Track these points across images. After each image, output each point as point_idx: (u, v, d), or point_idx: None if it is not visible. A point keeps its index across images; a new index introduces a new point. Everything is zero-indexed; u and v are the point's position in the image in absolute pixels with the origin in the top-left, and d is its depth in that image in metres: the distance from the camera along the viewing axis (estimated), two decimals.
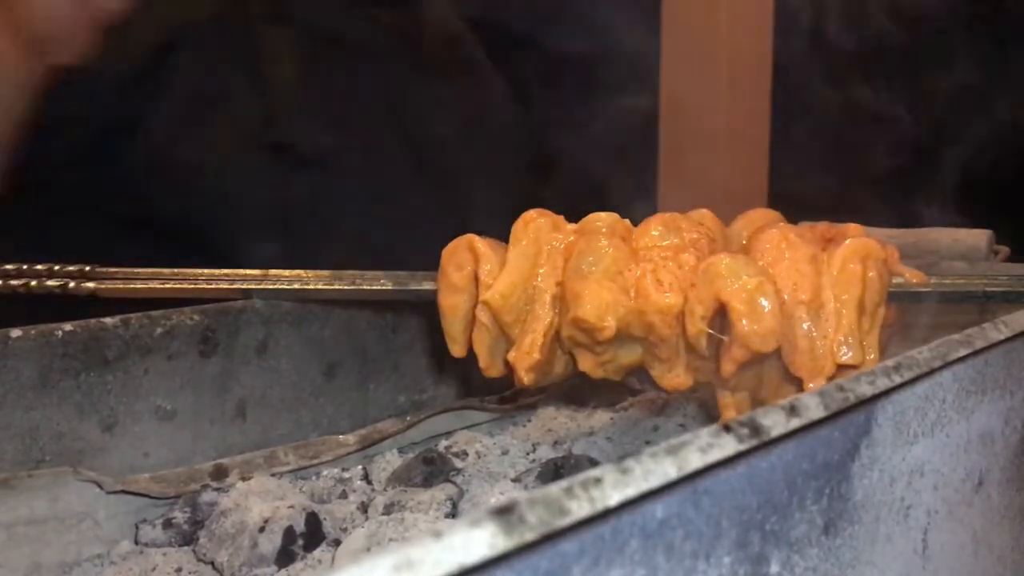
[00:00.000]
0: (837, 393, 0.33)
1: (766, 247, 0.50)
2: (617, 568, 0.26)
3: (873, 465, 0.36)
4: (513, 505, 0.22)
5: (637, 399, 0.70)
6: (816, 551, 0.33)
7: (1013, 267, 0.70)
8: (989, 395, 0.44)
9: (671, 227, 0.51)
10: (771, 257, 0.49)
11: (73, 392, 0.54)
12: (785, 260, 0.49)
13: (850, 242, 0.49)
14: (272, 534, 0.49)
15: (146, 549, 0.52)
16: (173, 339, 0.58)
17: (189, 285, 0.59)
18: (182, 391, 0.58)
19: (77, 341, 0.55)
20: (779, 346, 0.48)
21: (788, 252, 0.49)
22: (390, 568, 0.20)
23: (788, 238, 0.49)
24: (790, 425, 0.30)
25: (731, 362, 0.49)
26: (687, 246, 0.50)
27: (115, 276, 0.60)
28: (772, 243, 0.49)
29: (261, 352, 0.62)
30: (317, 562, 0.49)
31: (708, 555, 0.29)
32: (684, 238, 0.50)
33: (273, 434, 0.62)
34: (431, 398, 0.70)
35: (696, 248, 0.50)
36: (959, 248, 0.70)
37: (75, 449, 0.54)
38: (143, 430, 0.57)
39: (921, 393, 0.39)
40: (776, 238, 0.50)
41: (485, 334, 0.52)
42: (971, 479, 0.43)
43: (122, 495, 0.54)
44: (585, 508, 0.24)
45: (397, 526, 0.49)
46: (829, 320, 0.48)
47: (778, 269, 0.49)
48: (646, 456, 0.26)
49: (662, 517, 0.27)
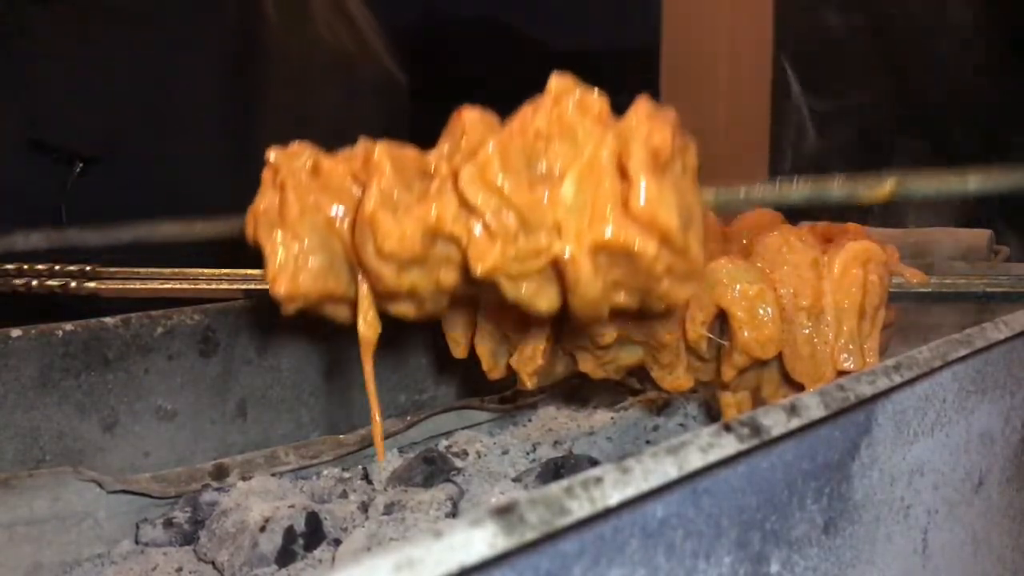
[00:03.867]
0: (837, 393, 0.33)
1: (767, 251, 0.49)
2: (617, 568, 0.26)
3: (873, 465, 0.36)
4: (513, 505, 0.22)
5: (637, 399, 0.70)
6: (816, 551, 0.34)
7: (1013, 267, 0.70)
8: (989, 395, 0.44)
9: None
10: (772, 261, 0.49)
11: (73, 392, 0.54)
12: (786, 265, 0.49)
13: (850, 246, 0.49)
14: (273, 534, 0.49)
15: (147, 549, 0.52)
16: (173, 339, 0.58)
17: (189, 285, 0.59)
18: (182, 391, 0.58)
19: (77, 341, 0.55)
20: (780, 352, 0.48)
21: (789, 257, 0.49)
22: (391, 568, 0.20)
23: (789, 242, 0.49)
24: (790, 425, 0.30)
25: (732, 368, 0.49)
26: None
27: (115, 276, 0.60)
28: (773, 247, 0.49)
29: (261, 352, 0.62)
30: (318, 562, 0.49)
31: (708, 555, 0.29)
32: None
33: (273, 434, 0.62)
34: (431, 398, 0.70)
35: None
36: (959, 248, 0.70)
37: (75, 449, 0.54)
38: (143, 430, 0.57)
39: (921, 393, 0.39)
40: (777, 242, 0.50)
41: (488, 338, 0.52)
42: (971, 479, 0.43)
43: (122, 495, 0.54)
44: (585, 508, 0.24)
45: (397, 526, 0.49)
46: (830, 326, 0.48)
47: (779, 274, 0.49)
48: (646, 456, 0.26)
49: (662, 517, 0.27)
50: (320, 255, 0.45)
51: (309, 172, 0.45)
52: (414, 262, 0.42)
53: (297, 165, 0.45)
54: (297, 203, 0.44)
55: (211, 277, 0.60)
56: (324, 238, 0.45)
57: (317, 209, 0.44)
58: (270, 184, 0.46)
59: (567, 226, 0.39)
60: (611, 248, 0.39)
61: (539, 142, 0.40)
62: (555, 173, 0.40)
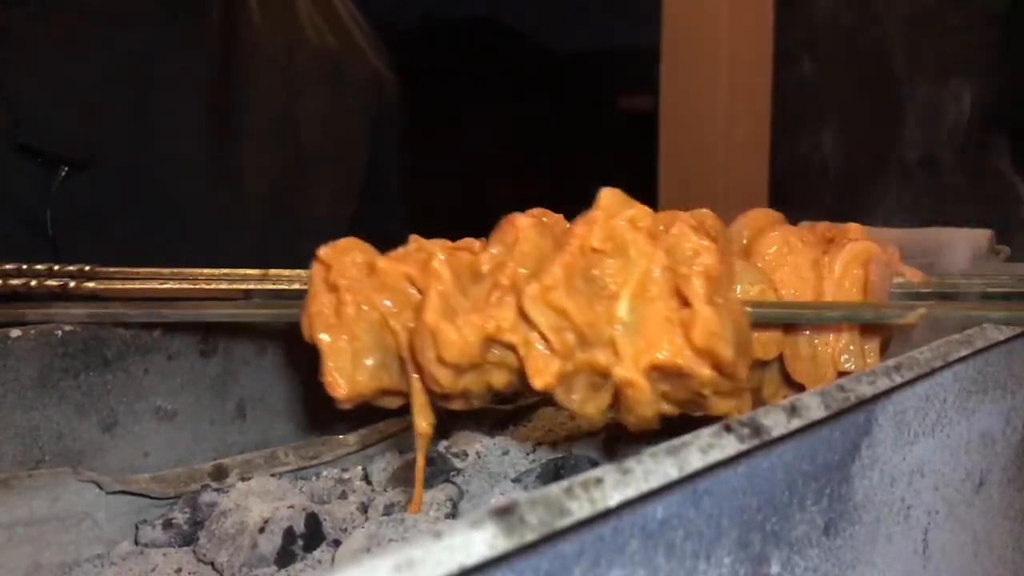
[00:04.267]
0: (838, 393, 0.33)
1: (768, 251, 0.49)
2: (617, 568, 0.26)
3: (873, 465, 0.36)
4: (513, 505, 0.22)
5: None
6: (816, 551, 0.33)
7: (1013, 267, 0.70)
8: (990, 395, 0.44)
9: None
10: (773, 261, 0.49)
11: (73, 392, 0.54)
12: (787, 265, 0.49)
13: (851, 246, 0.49)
14: (272, 534, 0.49)
15: (146, 549, 0.52)
16: (173, 339, 0.58)
17: (189, 285, 0.59)
18: (182, 391, 0.58)
19: (77, 341, 0.55)
20: (780, 353, 0.48)
21: (790, 257, 0.49)
22: (390, 568, 0.20)
23: (790, 242, 0.49)
24: (791, 425, 0.30)
25: None
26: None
27: (115, 276, 0.60)
28: (774, 247, 0.49)
29: (261, 352, 0.62)
30: (317, 562, 0.49)
31: (709, 555, 0.29)
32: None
33: (273, 434, 0.62)
34: None
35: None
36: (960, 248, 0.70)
37: (75, 449, 0.54)
38: (143, 430, 0.57)
39: (921, 393, 0.39)
40: (778, 242, 0.49)
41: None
42: (972, 479, 0.43)
43: (122, 495, 0.54)
44: (585, 508, 0.24)
45: (397, 526, 0.49)
46: (831, 326, 0.48)
47: (780, 274, 0.48)
48: (647, 456, 0.26)
49: (662, 517, 0.27)
50: (375, 353, 0.47)
51: (364, 272, 0.47)
52: (471, 367, 0.44)
53: (347, 260, 0.47)
54: (354, 305, 0.46)
55: (211, 277, 0.60)
56: (378, 335, 0.46)
57: (372, 307, 0.46)
58: (322, 282, 0.47)
59: (624, 347, 0.41)
60: (666, 369, 0.41)
61: (596, 260, 0.43)
62: (610, 290, 0.42)
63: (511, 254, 0.44)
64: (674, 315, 0.41)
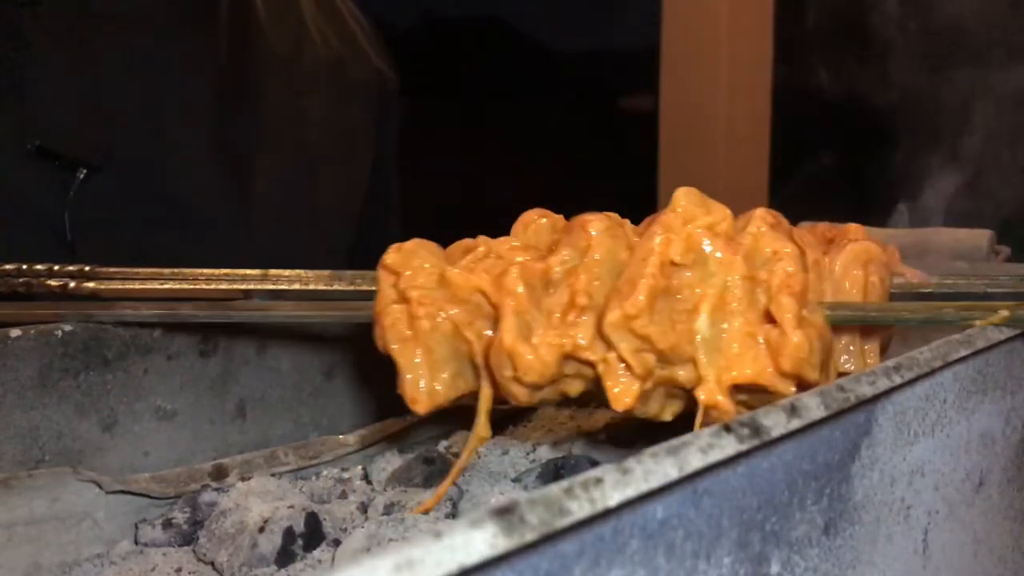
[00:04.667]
0: (837, 393, 0.33)
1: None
2: (617, 568, 0.26)
3: (873, 465, 0.36)
4: (513, 505, 0.22)
5: None
6: (816, 551, 0.33)
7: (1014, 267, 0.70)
8: (990, 395, 0.44)
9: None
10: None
11: (73, 392, 0.54)
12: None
13: (851, 246, 0.49)
14: (272, 534, 0.49)
15: (146, 549, 0.52)
16: (173, 339, 0.58)
17: (189, 285, 0.59)
18: (182, 391, 0.58)
19: (77, 341, 0.55)
20: None
21: None
22: (390, 568, 0.20)
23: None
24: (791, 425, 0.30)
25: None
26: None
27: (115, 276, 0.60)
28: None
29: (261, 352, 0.62)
30: (317, 562, 0.49)
31: (708, 555, 0.29)
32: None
33: (273, 434, 0.62)
34: None
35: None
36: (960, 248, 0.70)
37: (75, 449, 0.54)
38: (143, 430, 0.57)
39: (921, 393, 0.39)
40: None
41: None
42: (972, 479, 0.43)
43: (122, 495, 0.54)
44: (585, 508, 0.24)
45: (397, 526, 0.49)
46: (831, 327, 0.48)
47: None
48: (646, 456, 0.26)
49: (662, 517, 0.27)
50: (451, 364, 0.46)
51: (435, 281, 0.46)
52: (548, 384, 0.44)
53: (415, 265, 0.46)
54: (427, 318, 0.46)
55: (211, 277, 0.60)
56: (452, 344, 0.46)
57: (445, 318, 0.46)
58: (390, 290, 0.47)
59: (705, 367, 0.41)
60: (751, 385, 0.41)
61: (675, 272, 0.42)
62: (689, 302, 0.42)
63: (583, 263, 0.44)
64: (755, 329, 0.41)
